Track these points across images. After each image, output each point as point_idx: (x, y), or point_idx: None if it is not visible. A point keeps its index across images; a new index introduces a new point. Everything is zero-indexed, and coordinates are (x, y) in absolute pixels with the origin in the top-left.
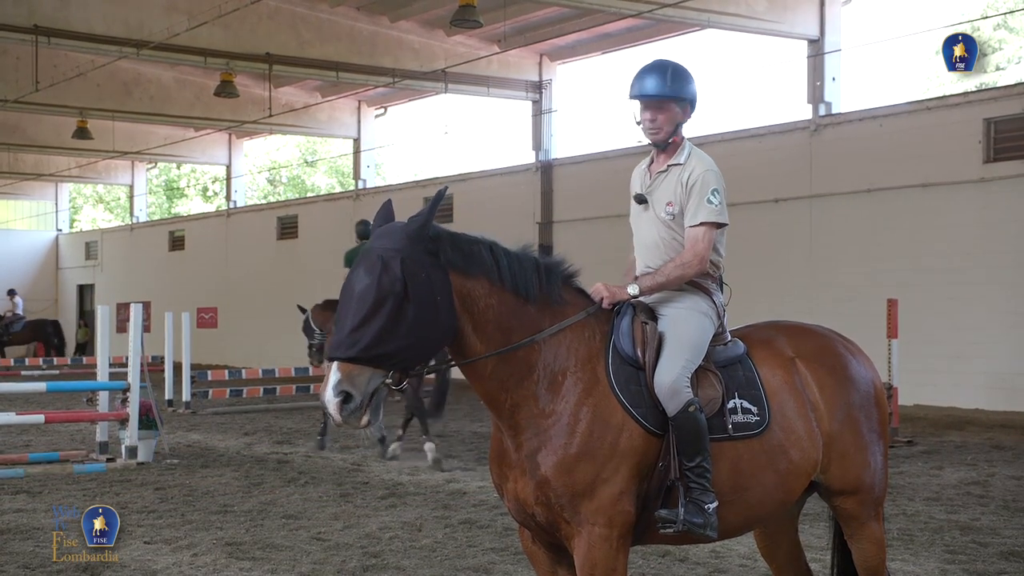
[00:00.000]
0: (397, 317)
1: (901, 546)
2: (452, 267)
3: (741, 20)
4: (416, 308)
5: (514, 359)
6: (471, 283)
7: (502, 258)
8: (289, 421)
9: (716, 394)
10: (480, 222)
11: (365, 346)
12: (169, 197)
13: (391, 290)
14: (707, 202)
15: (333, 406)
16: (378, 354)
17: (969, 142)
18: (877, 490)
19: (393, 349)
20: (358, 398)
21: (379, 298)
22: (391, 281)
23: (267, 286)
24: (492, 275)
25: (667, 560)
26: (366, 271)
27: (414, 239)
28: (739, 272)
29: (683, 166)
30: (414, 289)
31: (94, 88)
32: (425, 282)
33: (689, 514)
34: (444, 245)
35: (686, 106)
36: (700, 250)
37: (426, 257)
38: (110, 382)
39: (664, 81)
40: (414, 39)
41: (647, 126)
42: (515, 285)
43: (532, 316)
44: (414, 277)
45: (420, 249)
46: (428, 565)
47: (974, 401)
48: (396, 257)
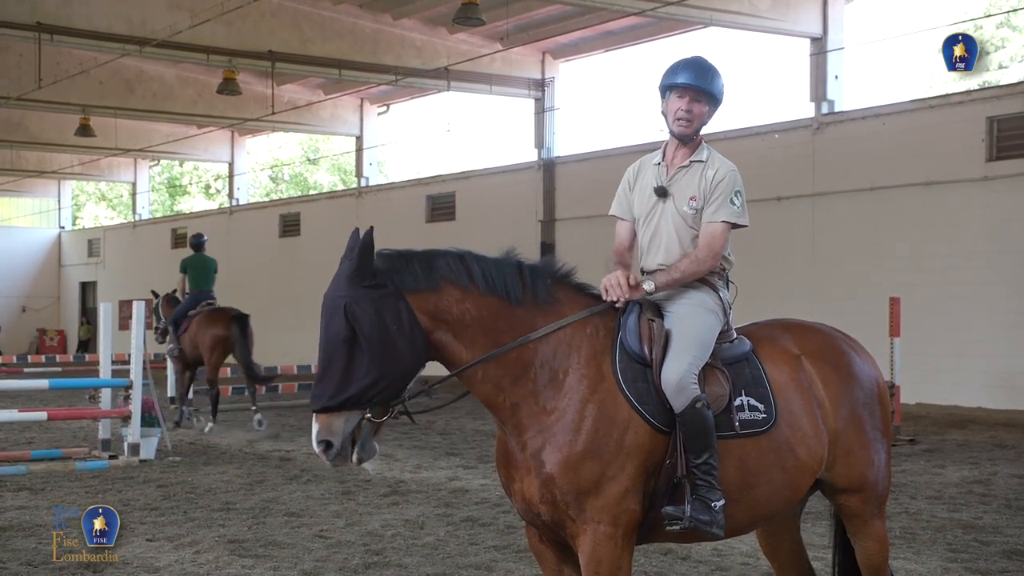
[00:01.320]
0: (352, 361)
1: (903, 544)
2: (407, 289)
3: (744, 18)
4: (370, 346)
5: (506, 360)
6: (436, 296)
7: (473, 264)
8: (291, 418)
9: (723, 391)
10: (482, 220)
11: (330, 395)
12: (171, 194)
13: (340, 337)
14: (730, 202)
15: (319, 454)
16: (345, 399)
17: (972, 141)
18: (880, 488)
19: (358, 390)
20: (336, 444)
21: (332, 347)
22: (338, 329)
23: (269, 283)
24: (461, 281)
25: (669, 558)
26: (324, 323)
27: (353, 281)
28: (741, 270)
29: (706, 163)
30: (364, 329)
31: (97, 85)
32: (374, 318)
33: (696, 511)
34: (393, 274)
35: (713, 106)
36: (716, 247)
37: (371, 292)
38: (112, 379)
39: (704, 75)
40: (417, 37)
41: (681, 115)
42: (492, 288)
43: (521, 317)
44: (362, 317)
45: (362, 289)
46: (430, 563)
47: (976, 399)
48: (340, 303)
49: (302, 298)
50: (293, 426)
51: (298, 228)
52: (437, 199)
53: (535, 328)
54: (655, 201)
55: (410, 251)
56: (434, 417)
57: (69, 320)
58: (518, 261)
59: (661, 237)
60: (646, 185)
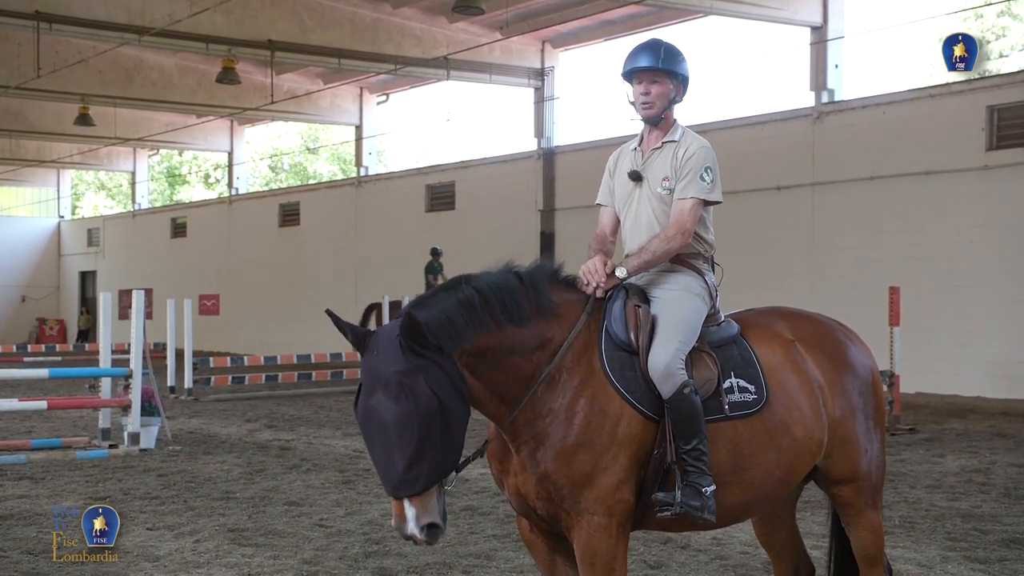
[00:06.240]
0: (447, 432)
1: (902, 533)
2: (453, 349)
3: (744, 7)
4: (456, 410)
5: (508, 370)
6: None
7: (490, 296)
8: (291, 408)
9: (711, 375)
10: (482, 209)
11: (428, 477)
12: (171, 184)
13: (431, 412)
14: (700, 178)
15: (422, 540)
16: (441, 474)
17: (972, 130)
18: (874, 478)
19: (451, 462)
20: (441, 524)
21: (424, 426)
22: (428, 402)
23: (269, 273)
24: (487, 325)
25: (669, 547)
26: (390, 399)
27: (414, 351)
28: (741, 259)
29: (678, 143)
30: (445, 396)
31: (96, 74)
32: (448, 384)
33: (686, 497)
34: (440, 336)
35: (679, 84)
36: (685, 223)
37: (437, 358)
38: (112, 369)
39: (657, 56)
40: (416, 26)
41: (640, 100)
42: (509, 318)
43: (529, 333)
44: (441, 387)
45: (427, 356)
46: (430, 552)
47: (976, 389)
48: (417, 376)
49: (302, 287)
50: (292, 416)
51: (298, 217)
52: (437, 188)
53: (541, 338)
54: (632, 186)
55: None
56: None
57: (69, 309)
58: (517, 274)
59: (641, 221)
60: (623, 171)
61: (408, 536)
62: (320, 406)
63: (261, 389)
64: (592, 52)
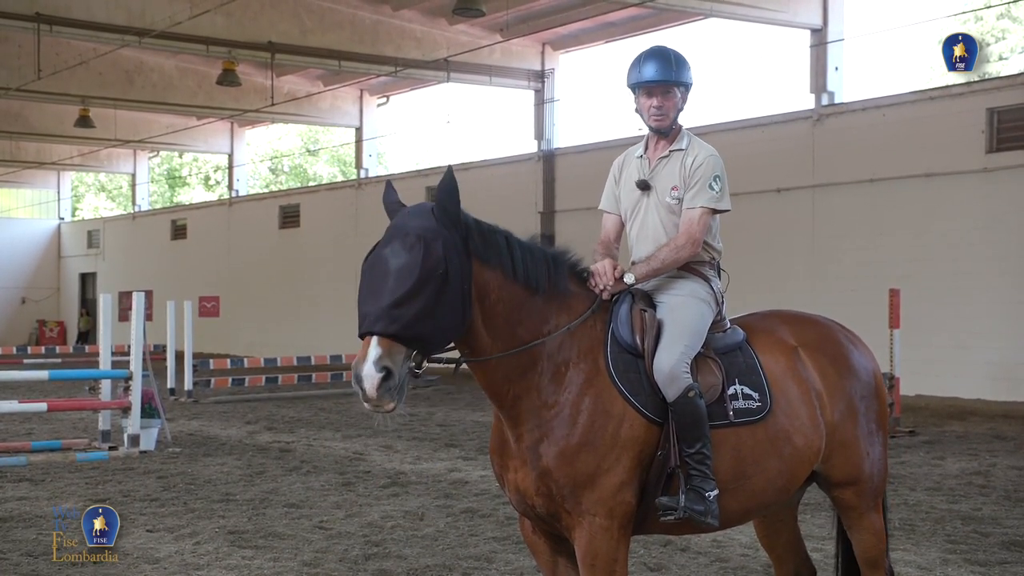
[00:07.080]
0: (438, 299)
1: (903, 536)
2: (476, 255)
3: (744, 9)
4: (452, 293)
5: (521, 353)
6: (488, 274)
7: (516, 249)
8: (291, 410)
9: (716, 380)
10: (482, 211)
11: (406, 324)
12: (171, 186)
13: (435, 271)
14: (708, 187)
15: (373, 382)
16: (417, 334)
17: (972, 132)
18: (876, 481)
19: (430, 331)
20: (397, 376)
21: (423, 277)
22: (436, 262)
23: (269, 275)
24: (507, 267)
25: (669, 550)
26: (404, 248)
27: (442, 221)
28: (741, 261)
29: (686, 151)
30: (453, 272)
31: (96, 76)
32: (458, 268)
33: (690, 501)
34: (472, 232)
35: (685, 91)
36: (694, 233)
37: (461, 243)
38: (112, 371)
39: (668, 67)
40: (416, 28)
41: (654, 113)
42: (527, 277)
43: (539, 308)
44: (452, 261)
45: (456, 234)
46: (430, 554)
47: (976, 391)
48: (437, 239)
49: (302, 289)
50: (292, 418)
51: (298, 219)
52: None
53: (547, 320)
54: (639, 195)
55: (475, 218)
56: (433, 409)
57: (69, 311)
58: (544, 249)
59: (648, 230)
60: (630, 179)
61: (360, 378)
62: (320, 408)
63: (261, 391)
64: (592, 54)
